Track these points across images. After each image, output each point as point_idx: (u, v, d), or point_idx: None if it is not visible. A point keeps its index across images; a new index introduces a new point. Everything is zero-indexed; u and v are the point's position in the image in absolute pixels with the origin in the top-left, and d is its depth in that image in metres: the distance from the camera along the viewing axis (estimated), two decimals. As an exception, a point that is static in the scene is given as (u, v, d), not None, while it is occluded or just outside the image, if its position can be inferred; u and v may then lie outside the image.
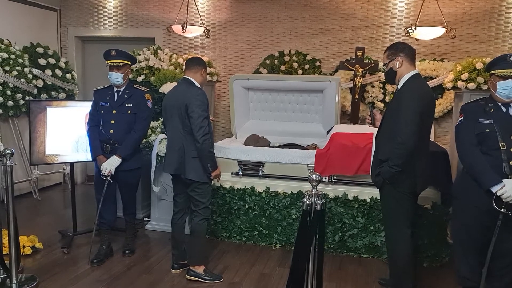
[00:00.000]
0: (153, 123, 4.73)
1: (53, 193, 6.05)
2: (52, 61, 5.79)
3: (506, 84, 2.70)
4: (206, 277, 3.53)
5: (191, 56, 3.67)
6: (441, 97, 5.25)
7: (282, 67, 5.65)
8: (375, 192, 3.67)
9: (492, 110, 2.78)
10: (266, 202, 4.23)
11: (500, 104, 2.78)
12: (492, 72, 2.79)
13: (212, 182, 3.65)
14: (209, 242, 3.80)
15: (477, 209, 2.77)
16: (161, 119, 4.90)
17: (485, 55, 5.09)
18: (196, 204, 3.49)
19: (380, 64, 5.26)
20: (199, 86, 3.48)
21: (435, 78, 5.18)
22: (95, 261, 3.77)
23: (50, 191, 6.12)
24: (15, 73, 5.17)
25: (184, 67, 3.63)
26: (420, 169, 3.01)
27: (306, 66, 5.63)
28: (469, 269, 2.91)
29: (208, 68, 5.60)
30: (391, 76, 3.16)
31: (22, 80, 5.27)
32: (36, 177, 5.75)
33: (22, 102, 5.32)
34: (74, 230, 4.38)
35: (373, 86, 5.40)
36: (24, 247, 3.86)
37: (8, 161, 3.17)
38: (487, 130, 2.74)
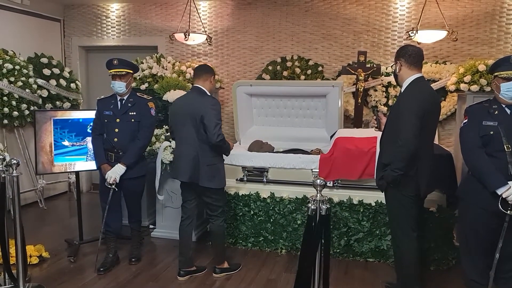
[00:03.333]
0: (157, 131, 4.75)
1: (59, 202, 6.07)
2: (56, 71, 5.83)
3: (509, 86, 2.70)
4: (231, 269, 3.80)
5: (199, 64, 3.74)
6: (444, 100, 5.25)
7: (285, 73, 5.67)
8: (380, 196, 3.67)
9: (496, 112, 2.77)
10: (271, 208, 4.23)
11: (504, 106, 2.77)
12: (496, 73, 2.79)
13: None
14: (214, 248, 3.83)
15: (483, 212, 2.76)
16: (165, 126, 4.94)
17: (487, 57, 5.09)
18: (213, 209, 3.63)
19: (383, 68, 5.28)
20: (210, 94, 3.56)
21: (438, 80, 5.18)
22: (101, 269, 3.77)
23: (56, 200, 6.14)
24: (20, 83, 5.21)
25: (193, 75, 3.69)
26: (423, 172, 3.00)
27: (309, 71, 5.64)
28: (476, 272, 2.89)
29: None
30: (395, 79, 3.21)
31: (27, 90, 5.31)
32: (42, 186, 5.78)
33: (27, 112, 5.36)
34: (80, 238, 4.40)
35: (375, 90, 5.40)
36: (31, 256, 3.88)
37: (14, 171, 3.19)
38: (492, 132, 2.73)
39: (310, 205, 2.44)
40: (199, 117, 3.40)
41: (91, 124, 4.00)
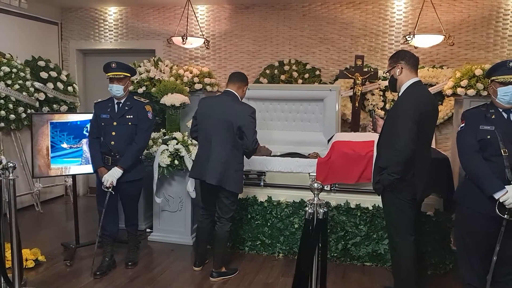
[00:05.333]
0: (154, 134, 4.75)
1: (55, 206, 6.05)
2: (53, 74, 5.83)
3: (506, 90, 2.71)
4: (229, 273, 3.81)
5: (236, 71, 3.83)
6: (441, 104, 5.26)
7: (282, 77, 5.68)
8: (377, 200, 3.67)
9: (493, 116, 2.78)
10: (268, 212, 4.23)
11: (501, 110, 2.78)
12: (493, 78, 2.79)
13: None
14: (214, 252, 3.84)
15: (480, 216, 2.76)
16: (163, 130, 4.93)
17: (484, 61, 5.11)
18: (226, 211, 3.69)
19: (380, 72, 5.28)
20: (246, 103, 3.72)
21: (435, 85, 5.20)
22: (98, 273, 3.75)
23: (52, 203, 6.12)
24: (17, 86, 5.20)
25: (228, 79, 3.75)
26: (420, 176, 3.01)
27: (306, 75, 5.65)
28: (474, 276, 2.89)
29: (208, 78, 5.67)
30: (392, 84, 3.20)
31: (24, 93, 5.30)
32: (38, 190, 5.75)
33: (24, 115, 5.34)
34: (76, 242, 4.38)
35: (373, 94, 5.41)
36: (27, 260, 3.85)
37: (11, 175, 3.18)
38: (489, 137, 2.73)
39: (307, 209, 2.44)
40: (237, 125, 3.49)
41: (87, 126, 3.99)
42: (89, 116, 4.01)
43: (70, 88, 6.01)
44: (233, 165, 3.57)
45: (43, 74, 5.70)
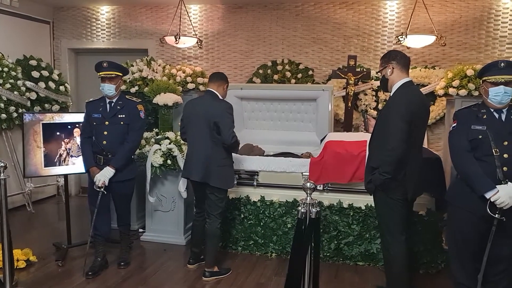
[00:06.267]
0: (147, 134, 4.73)
1: (47, 206, 6.01)
2: (45, 73, 5.79)
3: (497, 90, 2.73)
4: (222, 273, 3.81)
5: (216, 71, 3.98)
6: (433, 104, 5.30)
7: (275, 77, 5.68)
8: (369, 200, 3.67)
9: (484, 116, 2.79)
10: (261, 211, 4.23)
11: (492, 110, 2.80)
12: (484, 78, 2.81)
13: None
14: (206, 250, 3.84)
15: (472, 215, 2.78)
16: (155, 129, 4.92)
17: (476, 62, 5.15)
18: (215, 208, 3.71)
19: (372, 72, 5.31)
20: (222, 99, 3.74)
21: (427, 85, 5.23)
22: (90, 273, 3.73)
23: (44, 203, 6.08)
24: (8, 86, 5.16)
25: (208, 79, 3.86)
26: (411, 176, 3.02)
27: (299, 75, 5.66)
28: (465, 275, 2.90)
29: (201, 78, 5.66)
30: (384, 84, 3.21)
31: (15, 93, 5.26)
32: (30, 190, 5.71)
33: (15, 115, 5.30)
34: (68, 242, 4.35)
35: (365, 94, 5.44)
36: (18, 260, 3.82)
37: (2, 174, 3.15)
38: (480, 136, 2.75)
39: (300, 208, 2.45)
40: (214, 120, 3.56)
41: (77, 125, 3.97)
42: (80, 116, 3.98)
43: (62, 88, 5.98)
44: (216, 160, 3.62)
45: (35, 73, 5.66)
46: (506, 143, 2.71)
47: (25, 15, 6.00)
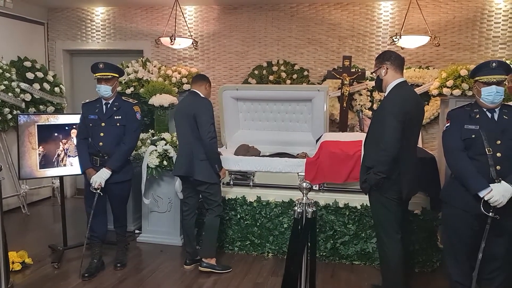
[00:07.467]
0: (142, 135, 4.73)
1: (42, 208, 5.99)
2: (40, 74, 5.77)
3: (490, 90, 2.76)
4: (218, 268, 3.87)
5: (197, 73, 4.21)
6: (428, 104, 5.33)
7: (271, 77, 5.70)
8: (365, 199, 3.70)
9: (477, 116, 2.82)
10: (257, 212, 4.24)
11: (485, 109, 2.83)
12: (476, 78, 2.84)
13: (221, 181, 3.97)
14: (204, 241, 3.87)
15: (466, 214, 2.81)
16: (151, 131, 4.93)
17: (469, 62, 5.19)
18: (210, 203, 3.86)
19: (367, 73, 5.33)
20: (203, 97, 3.87)
21: (421, 85, 5.26)
22: (86, 275, 3.73)
23: (39, 205, 6.06)
24: (2, 87, 5.14)
25: (191, 82, 4.10)
26: (405, 175, 3.04)
27: (294, 76, 5.67)
28: (460, 274, 2.93)
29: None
30: (378, 84, 3.23)
31: (9, 94, 5.24)
32: (25, 191, 5.68)
33: (10, 116, 5.28)
34: (64, 244, 4.34)
35: (360, 94, 5.46)
36: (13, 263, 3.81)
37: (-3, 176, 3.14)
38: (473, 136, 2.78)
39: (296, 208, 2.46)
40: (192, 115, 3.71)
41: (74, 126, 3.98)
42: (76, 117, 3.98)
43: (56, 89, 5.96)
44: (198, 154, 3.73)
45: (29, 75, 5.64)
46: (498, 142, 2.74)
47: (19, 16, 5.97)
